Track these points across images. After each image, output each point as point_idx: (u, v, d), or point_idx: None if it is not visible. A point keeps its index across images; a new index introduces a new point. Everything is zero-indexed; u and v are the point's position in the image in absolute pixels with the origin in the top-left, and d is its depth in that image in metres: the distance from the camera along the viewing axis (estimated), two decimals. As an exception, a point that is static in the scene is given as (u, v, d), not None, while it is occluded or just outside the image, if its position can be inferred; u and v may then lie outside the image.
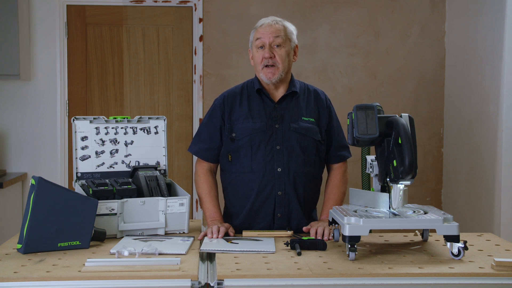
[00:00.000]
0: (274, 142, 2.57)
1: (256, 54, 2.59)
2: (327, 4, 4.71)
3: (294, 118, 2.60)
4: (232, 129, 2.61)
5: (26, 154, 4.57)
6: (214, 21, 4.64)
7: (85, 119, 2.67)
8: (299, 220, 2.58)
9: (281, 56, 2.55)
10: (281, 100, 2.62)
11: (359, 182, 3.36)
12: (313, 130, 2.61)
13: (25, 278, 1.87)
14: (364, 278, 1.92)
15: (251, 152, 2.58)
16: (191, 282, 1.87)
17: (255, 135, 2.58)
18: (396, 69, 4.77)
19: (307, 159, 2.60)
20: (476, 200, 4.21)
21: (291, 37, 2.60)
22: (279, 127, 2.59)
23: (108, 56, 4.64)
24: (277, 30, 2.56)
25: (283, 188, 2.57)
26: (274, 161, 2.56)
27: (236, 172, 2.61)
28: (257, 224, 2.59)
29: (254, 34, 2.60)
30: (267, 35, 2.55)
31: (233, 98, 2.65)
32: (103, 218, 2.34)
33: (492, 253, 2.19)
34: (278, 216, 2.58)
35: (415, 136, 2.16)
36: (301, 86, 2.69)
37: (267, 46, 2.54)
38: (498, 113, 3.88)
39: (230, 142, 2.61)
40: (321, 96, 2.70)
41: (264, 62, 2.55)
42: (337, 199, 2.64)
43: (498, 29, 3.88)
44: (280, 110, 2.61)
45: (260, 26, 2.58)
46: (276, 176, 2.56)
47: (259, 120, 2.59)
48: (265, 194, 2.57)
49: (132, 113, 4.60)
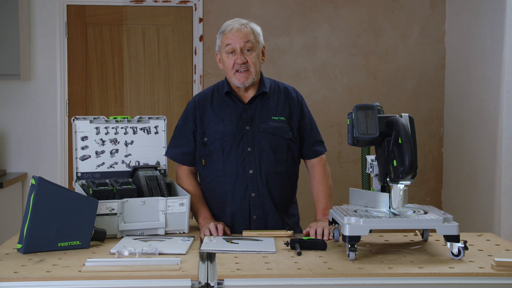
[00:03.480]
0: (245, 144, 2.58)
1: (227, 60, 2.57)
2: (327, 4, 4.71)
3: (264, 119, 2.61)
4: (204, 133, 2.62)
5: (26, 154, 4.57)
6: (214, 21, 4.64)
7: (85, 119, 2.67)
8: (275, 221, 2.59)
9: (253, 60, 2.56)
10: (251, 101, 2.63)
11: (359, 182, 3.37)
12: (283, 129, 2.61)
13: (25, 278, 1.87)
14: (364, 278, 1.92)
15: (223, 155, 2.58)
16: (191, 282, 1.88)
17: (226, 138, 2.58)
18: (396, 69, 4.77)
19: (279, 158, 2.60)
20: (476, 200, 4.20)
21: (259, 39, 2.60)
22: (250, 128, 2.59)
23: (108, 56, 4.64)
24: (246, 34, 2.55)
25: (256, 190, 2.57)
26: (246, 163, 2.57)
27: (211, 176, 2.62)
28: (237, 227, 2.59)
29: (222, 38, 2.58)
30: (237, 41, 2.54)
31: (204, 102, 2.66)
32: (103, 218, 2.34)
33: (492, 253, 2.19)
34: (254, 218, 2.59)
35: (415, 136, 2.16)
36: (271, 86, 2.69)
37: (238, 52, 2.54)
38: (498, 113, 3.88)
39: (203, 146, 2.62)
40: (292, 93, 2.69)
41: (236, 68, 2.56)
42: (327, 194, 2.65)
43: (498, 29, 3.88)
44: (250, 111, 2.61)
45: (228, 31, 2.56)
46: (249, 178, 2.57)
47: (230, 123, 2.60)
48: (239, 197, 2.58)
49: (132, 113, 4.60)
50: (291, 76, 4.66)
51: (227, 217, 2.60)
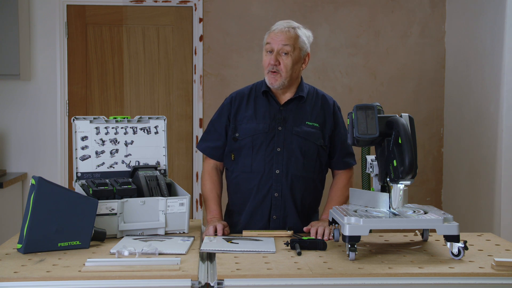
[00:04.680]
0: (275, 144, 2.59)
1: (265, 58, 2.60)
2: (327, 4, 4.71)
3: (297, 122, 2.61)
4: (236, 129, 2.64)
5: (26, 154, 4.57)
6: (214, 21, 4.64)
7: (85, 119, 2.67)
8: (294, 224, 2.59)
9: (286, 64, 2.55)
10: (286, 103, 2.64)
11: (359, 182, 3.36)
12: (315, 135, 2.61)
13: (25, 278, 1.87)
14: (364, 278, 1.92)
15: (252, 152, 2.60)
16: (191, 282, 1.88)
17: (257, 136, 2.60)
18: (396, 69, 4.77)
19: (307, 163, 2.60)
20: (476, 200, 4.20)
21: (302, 46, 2.58)
22: (282, 129, 2.60)
23: (108, 56, 4.64)
24: (288, 38, 2.55)
25: (280, 190, 2.58)
26: (273, 162, 2.58)
27: (238, 171, 2.63)
28: (254, 225, 2.60)
29: (267, 36, 2.61)
30: (277, 42, 2.54)
31: (240, 99, 2.68)
32: (103, 218, 2.34)
33: (492, 253, 2.19)
34: (273, 218, 2.59)
35: (415, 136, 2.16)
36: (309, 91, 2.70)
37: (274, 53, 2.55)
38: (498, 113, 3.88)
39: (233, 141, 2.63)
40: (329, 102, 2.70)
41: (269, 68, 2.57)
42: (340, 201, 2.64)
43: (498, 29, 3.88)
44: (285, 113, 2.62)
45: (273, 31, 2.58)
46: (274, 178, 2.58)
47: (263, 122, 2.61)
48: (262, 195, 2.59)
49: (132, 113, 4.60)
50: (291, 76, 4.66)
51: (246, 213, 2.61)
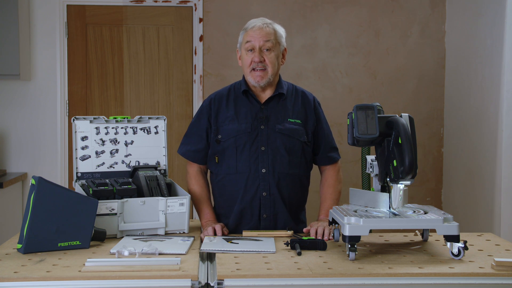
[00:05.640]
0: (259, 143, 2.58)
1: (245, 57, 2.58)
2: (327, 4, 4.71)
3: (279, 120, 2.61)
4: (218, 131, 2.62)
5: (26, 154, 4.57)
6: (214, 21, 4.64)
7: (85, 119, 2.67)
8: (285, 221, 2.59)
9: (271, 60, 2.56)
10: (267, 102, 2.63)
11: (359, 182, 3.37)
12: (298, 131, 2.61)
13: (25, 278, 1.87)
14: (364, 278, 1.92)
15: (236, 153, 2.58)
16: (191, 282, 1.88)
17: (240, 136, 2.58)
18: (396, 69, 4.77)
19: (292, 160, 2.60)
20: (476, 200, 4.20)
21: (280, 40, 2.60)
22: (265, 128, 2.59)
23: (108, 56, 4.64)
24: (268, 33, 2.55)
25: (268, 189, 2.57)
26: (259, 162, 2.57)
27: (222, 173, 2.62)
28: (244, 225, 2.59)
29: (243, 35, 2.60)
30: (258, 39, 2.54)
31: (219, 100, 2.66)
32: (103, 218, 2.34)
33: (492, 253, 2.19)
34: (264, 217, 2.59)
35: (415, 136, 2.16)
36: (289, 88, 2.69)
37: (257, 50, 2.55)
38: (498, 113, 3.88)
39: (216, 144, 2.62)
40: (309, 97, 2.70)
41: (252, 66, 2.56)
42: (334, 198, 2.65)
43: (498, 29, 3.88)
44: (266, 111, 2.61)
45: (250, 29, 2.58)
46: (261, 177, 2.57)
47: (245, 121, 2.60)
48: (250, 195, 2.58)
49: (132, 113, 4.60)
50: (291, 76, 4.65)
51: (235, 215, 2.60)
